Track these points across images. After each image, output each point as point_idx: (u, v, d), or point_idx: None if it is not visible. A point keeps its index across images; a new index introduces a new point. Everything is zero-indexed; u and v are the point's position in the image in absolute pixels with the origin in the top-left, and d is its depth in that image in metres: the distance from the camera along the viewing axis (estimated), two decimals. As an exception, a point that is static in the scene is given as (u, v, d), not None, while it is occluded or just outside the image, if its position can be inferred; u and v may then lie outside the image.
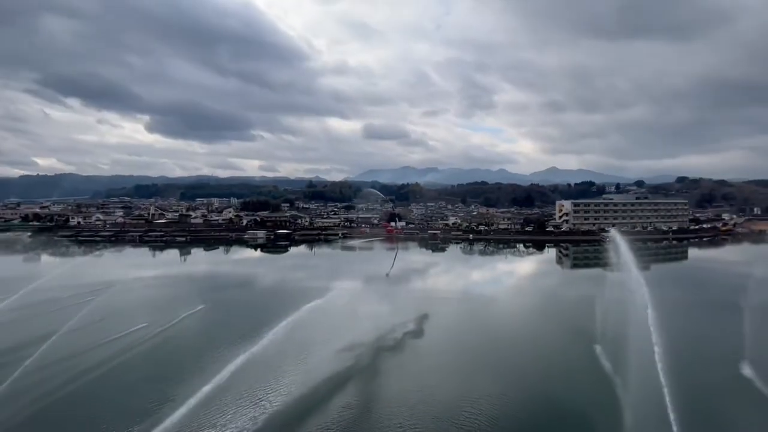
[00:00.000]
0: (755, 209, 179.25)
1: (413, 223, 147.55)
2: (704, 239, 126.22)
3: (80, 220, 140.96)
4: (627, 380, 23.55)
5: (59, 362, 28.17)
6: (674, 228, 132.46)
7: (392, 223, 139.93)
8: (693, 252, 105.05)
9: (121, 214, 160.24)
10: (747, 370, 26.62)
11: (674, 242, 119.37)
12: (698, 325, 38.06)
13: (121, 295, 50.09)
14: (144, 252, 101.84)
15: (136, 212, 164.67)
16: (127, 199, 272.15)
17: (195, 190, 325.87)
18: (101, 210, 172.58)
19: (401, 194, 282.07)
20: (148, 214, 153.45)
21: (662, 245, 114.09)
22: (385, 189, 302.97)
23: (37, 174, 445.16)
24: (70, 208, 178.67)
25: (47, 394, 24.24)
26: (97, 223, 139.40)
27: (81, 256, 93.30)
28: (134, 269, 69.65)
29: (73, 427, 21.79)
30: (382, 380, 27.08)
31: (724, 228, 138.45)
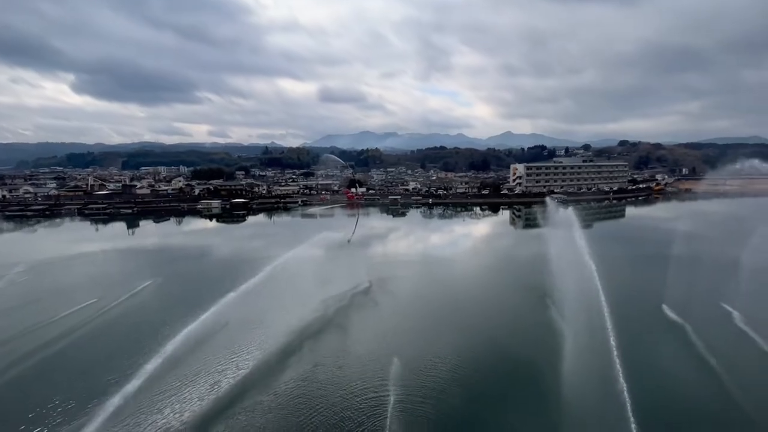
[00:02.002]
0: (684, 170, 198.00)
1: (374, 189, 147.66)
2: (640, 198, 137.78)
3: (5, 193, 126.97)
4: (575, 325, 26.12)
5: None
6: (615, 188, 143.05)
7: (352, 190, 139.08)
8: (630, 210, 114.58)
9: (54, 185, 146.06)
10: (666, 308, 32.00)
11: (614, 201, 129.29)
12: (630, 274, 42.31)
13: (61, 272, 46.86)
14: (85, 226, 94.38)
15: (72, 183, 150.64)
16: (59, 169, 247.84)
17: (138, 158, 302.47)
18: (30, 182, 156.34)
19: (361, 160, 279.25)
20: (87, 185, 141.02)
21: (603, 204, 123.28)
22: (344, 155, 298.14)
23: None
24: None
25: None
26: (26, 196, 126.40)
27: (11, 232, 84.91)
28: (75, 244, 64.77)
29: (19, 410, 20.75)
30: (347, 340, 28.02)
31: (657, 188, 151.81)
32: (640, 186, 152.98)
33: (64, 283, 41.92)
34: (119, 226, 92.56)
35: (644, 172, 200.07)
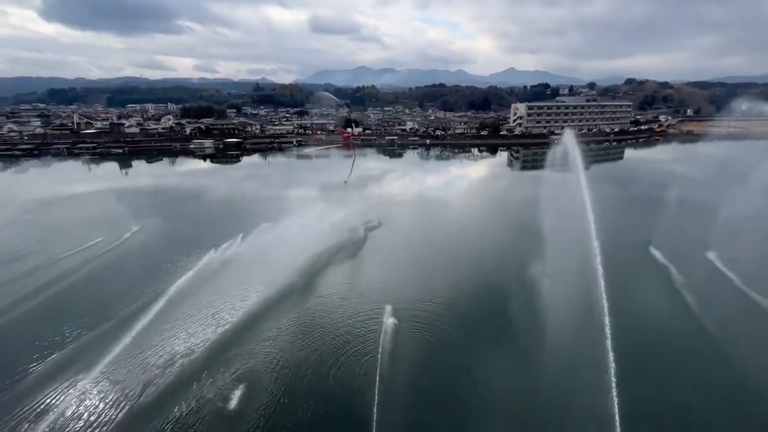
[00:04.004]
0: (688, 111, 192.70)
1: (370, 129, 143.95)
2: (640, 140, 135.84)
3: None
4: (566, 265, 27.16)
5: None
6: (616, 130, 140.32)
7: (348, 130, 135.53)
8: (629, 152, 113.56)
9: (38, 123, 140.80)
10: (653, 249, 33.56)
11: (614, 143, 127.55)
12: (621, 216, 43.15)
13: (61, 212, 47.07)
14: (76, 166, 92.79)
15: (57, 122, 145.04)
16: (41, 105, 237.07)
17: (124, 95, 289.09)
18: (12, 119, 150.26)
19: (357, 98, 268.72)
20: (73, 123, 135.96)
21: (603, 146, 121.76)
22: (339, 92, 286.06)
23: None
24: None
25: None
26: (11, 134, 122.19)
27: (1, 172, 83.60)
28: (70, 185, 64.19)
29: (33, 340, 22.10)
30: (344, 278, 29.25)
31: (658, 129, 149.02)
32: (642, 127, 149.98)
33: (65, 223, 42.27)
34: (111, 167, 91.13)
35: (648, 112, 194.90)
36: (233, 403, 17.45)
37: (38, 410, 17.14)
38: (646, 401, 17.18)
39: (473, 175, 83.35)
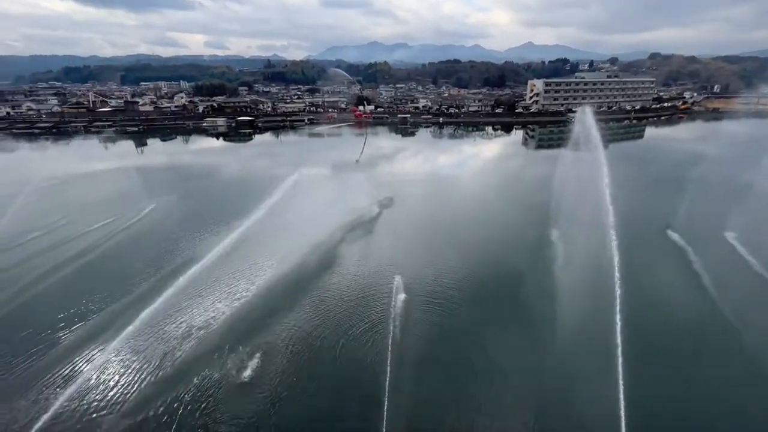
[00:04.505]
0: (715, 87, 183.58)
1: (382, 107, 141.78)
2: (662, 118, 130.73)
3: (8, 110, 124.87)
4: (579, 245, 26.89)
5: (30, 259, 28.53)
6: (637, 107, 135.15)
7: (360, 108, 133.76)
8: (649, 131, 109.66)
9: (55, 102, 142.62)
10: (671, 233, 32.59)
11: (634, 121, 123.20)
12: (639, 197, 42.12)
13: (81, 189, 48.33)
14: (94, 144, 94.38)
15: (73, 100, 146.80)
16: (57, 84, 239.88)
17: (136, 72, 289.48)
18: (30, 98, 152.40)
19: (369, 75, 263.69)
20: (88, 101, 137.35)
21: (623, 125, 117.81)
22: (351, 69, 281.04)
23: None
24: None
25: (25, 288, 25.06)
26: (30, 113, 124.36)
27: (23, 150, 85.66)
28: (88, 162, 65.52)
29: (60, 309, 23.14)
30: (356, 254, 29.58)
31: (682, 106, 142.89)
32: (665, 105, 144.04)
33: (85, 200, 43.47)
34: (127, 144, 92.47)
35: (672, 89, 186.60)
36: (248, 373, 18.14)
37: (65, 375, 18.15)
38: (651, 384, 17.20)
39: (486, 154, 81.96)
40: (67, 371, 18.40)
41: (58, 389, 17.35)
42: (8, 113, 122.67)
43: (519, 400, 16.72)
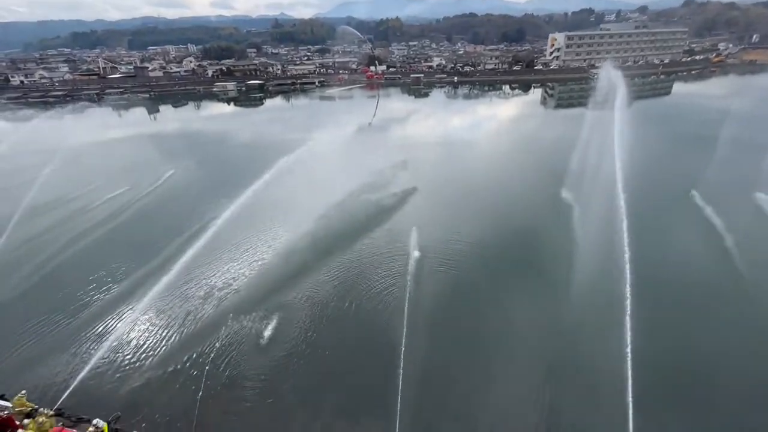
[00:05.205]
0: (755, 36, 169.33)
1: (394, 67, 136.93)
2: (693, 72, 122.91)
3: (22, 78, 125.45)
4: (591, 207, 26.45)
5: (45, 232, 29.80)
6: (666, 61, 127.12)
7: (372, 68, 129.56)
8: (677, 86, 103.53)
9: (66, 69, 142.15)
10: (695, 194, 31.17)
11: (662, 77, 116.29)
12: (663, 158, 40.57)
13: (100, 158, 49.25)
14: (107, 111, 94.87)
15: (84, 67, 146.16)
16: (66, 50, 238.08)
17: (143, 36, 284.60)
18: (42, 65, 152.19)
19: (380, 32, 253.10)
20: (99, 68, 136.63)
21: (649, 80, 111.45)
22: (361, 26, 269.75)
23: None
24: (4, 64, 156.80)
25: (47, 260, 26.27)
26: (43, 81, 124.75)
27: (40, 119, 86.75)
28: (105, 130, 66.32)
29: (81, 276, 24.31)
30: (371, 217, 29.72)
31: (715, 59, 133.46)
32: (696, 58, 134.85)
33: (106, 167, 44.39)
34: (140, 112, 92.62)
35: (705, 40, 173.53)
36: (269, 331, 18.99)
37: (99, 332, 19.38)
38: (659, 338, 17.34)
39: (503, 114, 79.21)
40: (100, 329, 19.60)
41: (93, 345, 18.57)
42: (22, 82, 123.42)
43: (531, 353, 17.14)
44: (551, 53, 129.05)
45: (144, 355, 18.04)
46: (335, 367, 17.11)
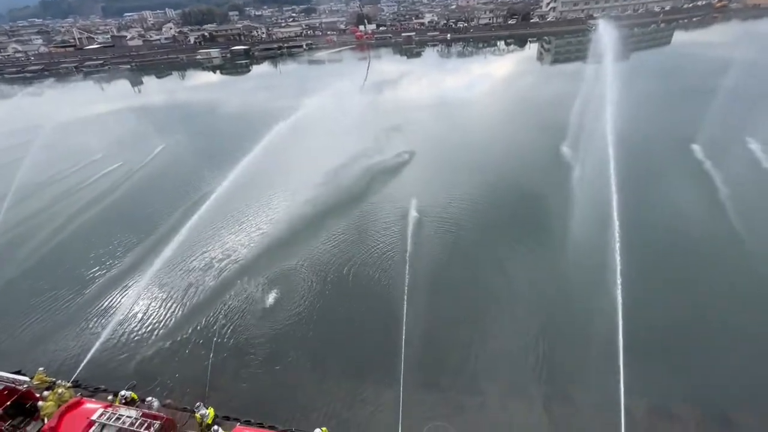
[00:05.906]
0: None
1: (385, 26, 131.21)
2: (694, 19, 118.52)
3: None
4: (585, 163, 26.44)
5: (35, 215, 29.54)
6: (667, 8, 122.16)
7: (361, 28, 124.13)
8: (677, 35, 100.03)
9: (40, 41, 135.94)
10: (695, 147, 30.70)
11: (662, 25, 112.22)
12: (658, 112, 39.97)
13: (85, 134, 48.03)
14: (89, 85, 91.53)
15: (58, 38, 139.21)
16: (38, 21, 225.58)
17: (118, 2, 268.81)
18: (14, 38, 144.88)
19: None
20: (74, 39, 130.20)
21: (649, 30, 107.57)
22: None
23: None
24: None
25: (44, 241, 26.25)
26: (18, 55, 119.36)
27: (18, 96, 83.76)
28: (87, 105, 64.16)
29: (81, 253, 24.44)
30: (370, 182, 29.65)
31: (718, 5, 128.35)
32: (699, 3, 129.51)
33: (94, 144, 43.45)
34: (123, 84, 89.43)
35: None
36: (272, 298, 19.40)
37: (105, 307, 19.76)
38: (648, 295, 17.85)
39: (498, 72, 76.89)
40: (106, 303, 19.96)
41: (102, 319, 18.97)
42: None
43: (527, 308, 17.67)
44: (548, 4, 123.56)
45: (152, 327, 18.48)
46: (339, 330, 17.62)
